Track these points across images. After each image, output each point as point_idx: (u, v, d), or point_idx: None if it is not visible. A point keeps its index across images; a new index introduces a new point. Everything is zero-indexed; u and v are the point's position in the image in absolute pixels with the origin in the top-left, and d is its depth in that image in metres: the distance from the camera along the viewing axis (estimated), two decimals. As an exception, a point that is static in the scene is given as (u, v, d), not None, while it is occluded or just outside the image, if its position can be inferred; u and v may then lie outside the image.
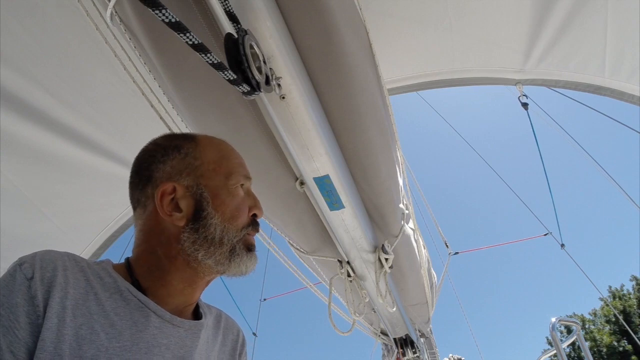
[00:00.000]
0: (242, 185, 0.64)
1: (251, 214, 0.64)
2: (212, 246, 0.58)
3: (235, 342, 0.71)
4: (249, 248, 0.62)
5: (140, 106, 1.04)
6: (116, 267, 0.58)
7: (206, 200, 0.59)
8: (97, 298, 0.50)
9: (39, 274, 0.47)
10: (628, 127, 2.02)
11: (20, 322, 0.44)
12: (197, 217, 0.58)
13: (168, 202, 0.58)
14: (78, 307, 0.48)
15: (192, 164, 0.61)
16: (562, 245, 3.22)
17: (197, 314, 0.64)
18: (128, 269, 0.58)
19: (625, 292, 17.52)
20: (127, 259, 0.60)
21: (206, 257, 0.57)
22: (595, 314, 18.34)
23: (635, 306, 16.78)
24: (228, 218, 0.60)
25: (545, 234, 3.29)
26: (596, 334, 17.10)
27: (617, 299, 17.27)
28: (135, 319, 0.52)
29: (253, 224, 0.64)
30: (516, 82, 1.98)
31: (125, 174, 0.62)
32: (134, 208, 0.62)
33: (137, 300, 0.54)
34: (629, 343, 16.26)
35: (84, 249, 1.90)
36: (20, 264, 0.48)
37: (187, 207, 0.58)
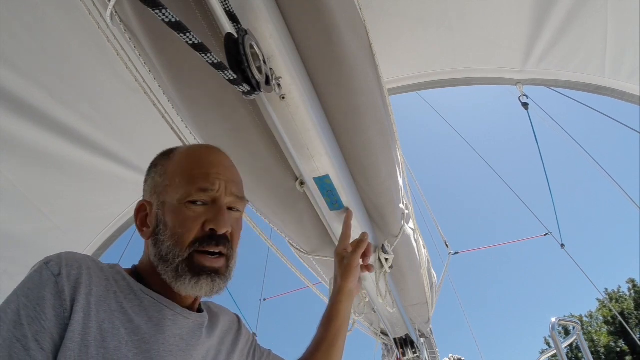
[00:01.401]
0: (196, 200, 0.61)
1: (208, 227, 0.60)
2: (161, 261, 0.59)
3: (229, 323, 0.75)
4: (195, 270, 0.58)
5: (141, 106, 1.05)
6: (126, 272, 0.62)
7: (161, 218, 0.61)
8: (116, 297, 0.54)
9: (66, 271, 0.50)
10: (628, 127, 2.02)
11: (47, 314, 0.46)
12: (155, 232, 0.61)
13: (141, 218, 0.64)
14: (100, 303, 0.51)
15: (159, 182, 0.64)
16: (562, 245, 3.22)
17: (198, 308, 0.69)
18: (136, 275, 0.62)
19: (622, 294, 17.60)
20: (135, 267, 0.65)
21: (162, 273, 0.59)
22: (591, 316, 18.43)
23: (632, 308, 16.85)
24: (172, 235, 0.59)
25: (545, 234, 3.29)
26: (594, 335, 17.17)
27: (614, 301, 17.34)
28: (151, 314, 0.56)
29: (209, 238, 0.59)
30: (516, 82, 1.98)
31: (125, 173, 0.64)
32: None
33: (149, 297, 0.58)
34: (626, 344, 16.30)
35: (84, 249, 1.90)
36: (46, 262, 0.51)
37: (151, 223, 0.63)
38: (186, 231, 0.59)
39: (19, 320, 0.45)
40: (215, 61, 0.58)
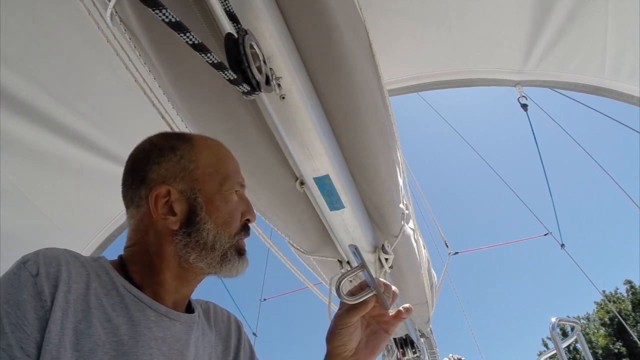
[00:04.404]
0: (236, 191, 0.64)
1: (244, 219, 0.64)
2: (204, 250, 0.58)
3: (228, 328, 0.71)
4: (240, 252, 0.63)
5: (141, 106, 1.05)
6: (111, 264, 0.58)
7: (200, 206, 0.59)
8: (96, 293, 0.51)
9: (44, 269, 0.48)
10: (628, 127, 2.02)
11: (29, 318, 0.44)
12: (191, 221, 0.59)
13: (162, 205, 0.58)
14: (79, 301, 0.49)
15: (188, 167, 0.61)
16: (562, 245, 3.23)
17: (189, 307, 0.65)
18: (122, 267, 0.58)
19: (619, 295, 17.70)
20: (121, 257, 0.61)
21: (198, 260, 0.59)
22: (588, 318, 18.53)
23: (629, 309, 16.92)
24: (221, 224, 0.60)
25: (545, 234, 3.29)
26: (592, 337, 17.25)
27: (612, 302, 17.41)
28: (131, 313, 0.53)
29: (245, 228, 0.64)
30: (516, 84, 1.98)
31: None
32: (127, 207, 0.62)
33: (132, 295, 0.54)
34: (624, 345, 16.36)
35: (84, 248, 1.90)
36: (23, 262, 0.48)
37: (181, 211, 0.59)
38: (234, 221, 0.62)
39: (2, 328, 0.43)
40: (215, 61, 0.58)
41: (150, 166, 0.60)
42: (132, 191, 0.61)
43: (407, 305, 0.63)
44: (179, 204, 0.59)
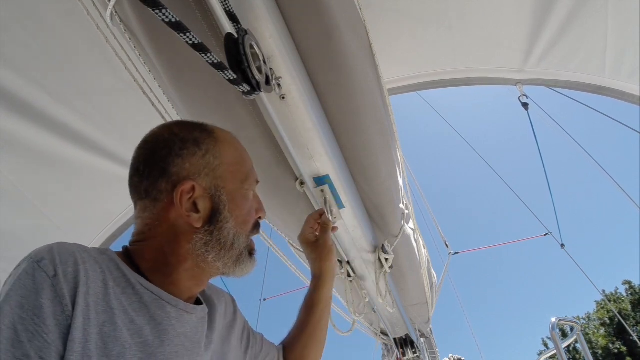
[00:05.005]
0: (253, 190, 0.66)
1: (257, 216, 0.66)
2: (223, 250, 0.58)
3: (225, 305, 0.72)
4: (251, 253, 0.64)
5: (141, 106, 1.04)
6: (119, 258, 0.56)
7: (223, 204, 0.59)
8: (114, 292, 0.49)
9: (62, 270, 0.43)
10: (628, 127, 2.02)
11: (48, 325, 0.40)
12: (213, 219, 0.58)
13: (186, 201, 0.56)
14: (99, 303, 0.46)
15: (212, 163, 0.59)
16: (562, 245, 3.22)
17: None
18: (130, 261, 0.55)
19: (619, 295, 17.75)
20: (127, 250, 0.58)
21: (216, 260, 0.58)
22: (588, 318, 18.58)
23: (629, 309, 16.95)
24: (240, 223, 0.61)
25: (545, 234, 3.29)
26: (592, 337, 17.30)
27: (612, 302, 17.46)
28: (152, 312, 0.51)
29: (256, 226, 0.66)
30: (516, 82, 1.98)
31: (125, 173, 0.61)
32: (139, 198, 0.58)
33: (150, 292, 0.52)
34: (623, 345, 16.39)
35: (84, 249, 1.90)
36: (37, 260, 0.44)
37: (204, 209, 0.57)
38: (251, 219, 0.63)
39: (17, 337, 0.39)
40: (215, 61, 0.58)
41: (173, 158, 0.57)
42: (147, 183, 0.57)
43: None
44: (202, 202, 0.57)
